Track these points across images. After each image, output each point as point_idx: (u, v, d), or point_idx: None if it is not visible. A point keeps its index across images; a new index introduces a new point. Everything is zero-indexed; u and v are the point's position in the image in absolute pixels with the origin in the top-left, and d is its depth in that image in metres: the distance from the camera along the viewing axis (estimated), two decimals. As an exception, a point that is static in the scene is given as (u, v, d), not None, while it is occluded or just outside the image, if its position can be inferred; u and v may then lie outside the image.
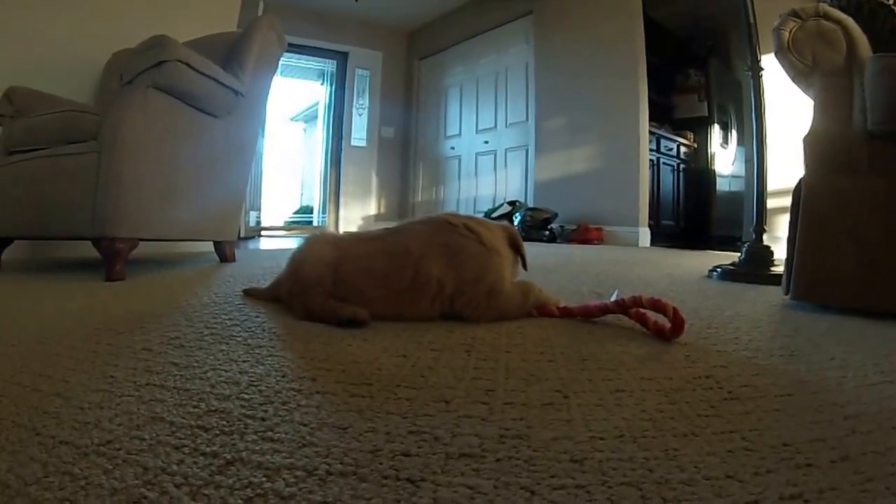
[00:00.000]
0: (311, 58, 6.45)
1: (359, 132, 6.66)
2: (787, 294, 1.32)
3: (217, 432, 0.48)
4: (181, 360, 0.73)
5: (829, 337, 0.97)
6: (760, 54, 2.08)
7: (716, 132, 5.91)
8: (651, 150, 4.82)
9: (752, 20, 2.09)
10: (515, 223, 4.72)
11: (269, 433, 0.48)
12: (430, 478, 0.40)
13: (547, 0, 5.26)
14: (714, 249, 4.22)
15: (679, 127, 5.84)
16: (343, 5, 5.88)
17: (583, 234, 4.61)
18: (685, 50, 5.89)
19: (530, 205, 5.08)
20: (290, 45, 5.55)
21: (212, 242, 2.35)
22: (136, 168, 1.72)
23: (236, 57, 2.25)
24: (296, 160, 8.26)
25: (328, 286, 1.06)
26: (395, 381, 0.65)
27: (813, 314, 1.22)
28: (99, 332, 0.90)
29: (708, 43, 5.79)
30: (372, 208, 6.75)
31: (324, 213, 6.63)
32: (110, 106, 1.77)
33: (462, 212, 5.36)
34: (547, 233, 4.70)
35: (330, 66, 6.61)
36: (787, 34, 1.44)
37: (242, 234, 4.43)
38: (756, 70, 2.08)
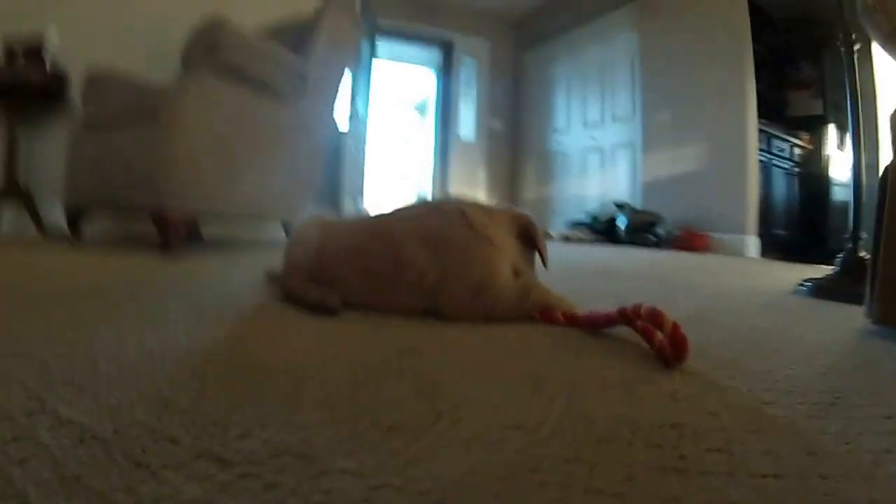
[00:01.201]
0: (415, 45, 6.33)
1: (466, 124, 6.47)
2: (868, 316, 0.97)
3: None
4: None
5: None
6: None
7: (832, 133, 5.03)
8: (761, 150, 4.21)
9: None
10: (622, 227, 4.36)
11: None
12: None
13: None
14: (829, 264, 3.52)
15: (792, 126, 4.99)
16: None
17: (687, 241, 4.14)
18: (795, 40, 5.06)
19: (637, 207, 4.66)
20: (392, 30, 5.84)
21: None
22: (191, 146, 1.78)
23: (304, 41, 2.23)
24: (411, 149, 8.17)
25: (311, 269, 1.00)
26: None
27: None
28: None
29: (820, 32, 4.91)
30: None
31: (434, 206, 6.50)
32: (170, 87, 1.84)
33: (570, 211, 5.12)
34: (652, 237, 4.28)
35: (436, 54, 6.46)
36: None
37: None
38: (848, 44, 1.64)
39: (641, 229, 4.29)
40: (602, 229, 4.59)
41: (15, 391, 0.46)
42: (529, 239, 0.98)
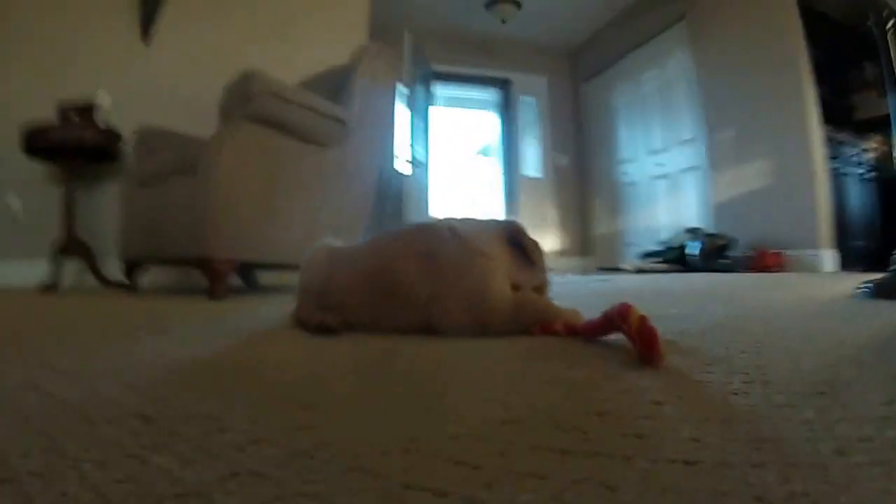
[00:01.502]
0: (472, 87, 6.45)
1: (531, 162, 6.41)
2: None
3: None
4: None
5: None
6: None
7: (903, 132, 4.62)
8: (831, 157, 3.95)
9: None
10: (694, 253, 4.15)
11: None
12: None
13: (698, 0, 4.79)
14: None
15: (862, 129, 4.63)
16: (497, 29, 5.76)
17: (761, 261, 3.88)
18: (855, 40, 4.75)
19: (709, 231, 4.44)
20: (448, 74, 6.08)
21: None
22: (230, 195, 1.86)
23: (343, 88, 2.30)
24: (480, 192, 8.13)
25: (320, 294, 1.02)
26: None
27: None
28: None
29: (875, 25, 4.57)
30: (551, 242, 6.29)
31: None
32: (210, 138, 1.94)
33: (643, 242, 4.95)
34: (725, 261, 4.04)
35: (494, 94, 6.53)
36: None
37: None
38: (881, 21, 1.48)
39: (714, 254, 4.08)
40: (675, 257, 4.40)
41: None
42: (520, 246, 0.92)
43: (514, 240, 0.92)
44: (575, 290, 2.05)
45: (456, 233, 0.90)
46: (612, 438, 0.35)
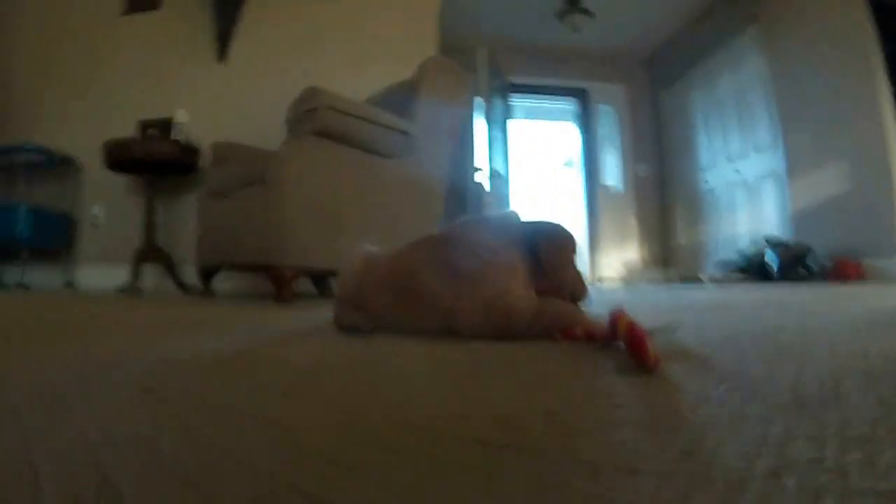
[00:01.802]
0: (550, 98, 6.45)
1: (611, 172, 6.32)
2: None
3: None
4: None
5: None
6: None
7: None
8: None
9: None
10: (771, 263, 3.97)
11: None
12: None
13: (769, 1, 4.62)
14: None
15: None
16: (571, 39, 5.77)
17: (839, 271, 3.65)
18: None
19: (787, 240, 4.21)
20: (523, 85, 6.13)
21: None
22: (296, 205, 1.98)
23: (408, 101, 2.37)
24: (562, 204, 8.03)
25: (354, 297, 1.07)
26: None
27: None
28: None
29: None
30: (632, 254, 6.21)
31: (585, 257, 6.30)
32: (278, 151, 2.08)
33: (723, 252, 4.79)
34: (804, 271, 3.81)
35: (572, 104, 6.51)
36: None
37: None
38: None
39: (791, 264, 3.88)
40: (752, 268, 4.21)
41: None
42: (538, 250, 0.92)
43: (532, 245, 0.92)
44: (635, 300, 2.01)
45: (477, 239, 0.93)
46: (548, 437, 0.35)
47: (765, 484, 0.28)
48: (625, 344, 0.58)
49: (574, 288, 0.95)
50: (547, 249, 0.91)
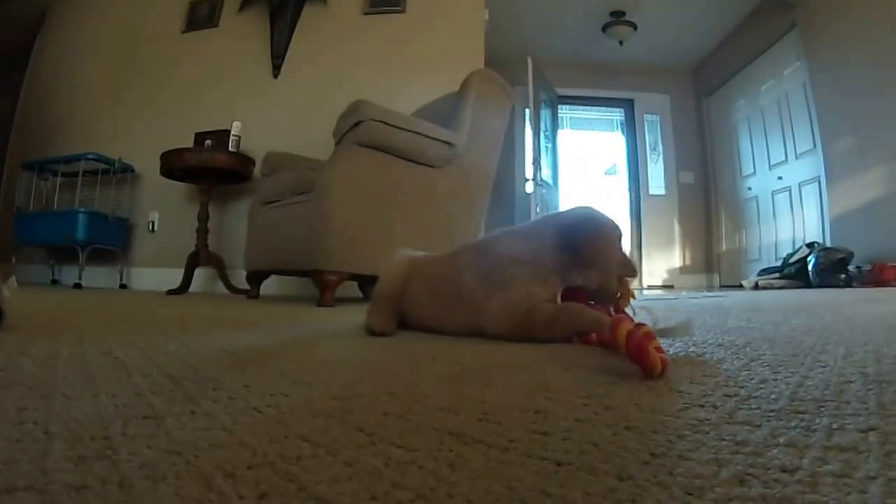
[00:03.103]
0: (597, 108, 6.53)
1: (656, 180, 6.32)
2: None
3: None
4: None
5: None
6: None
7: None
8: None
9: None
10: (812, 268, 3.92)
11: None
12: None
13: (809, 7, 4.55)
14: None
15: None
16: (617, 52, 5.84)
17: (879, 275, 3.53)
18: None
19: (827, 245, 4.12)
20: (571, 96, 6.20)
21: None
22: (343, 212, 2.03)
23: (453, 113, 2.39)
24: (608, 211, 7.91)
25: (394, 298, 1.12)
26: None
27: None
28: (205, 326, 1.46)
29: None
30: (676, 260, 6.17)
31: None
32: (325, 162, 2.14)
33: (766, 258, 4.79)
34: (844, 276, 3.68)
35: (618, 114, 6.57)
36: None
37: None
38: None
39: (830, 269, 3.80)
40: (793, 273, 4.14)
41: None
42: (576, 247, 0.92)
43: (567, 242, 0.92)
44: (674, 306, 1.99)
45: (509, 248, 0.97)
46: (523, 435, 0.36)
47: (726, 490, 0.27)
48: (623, 351, 0.58)
49: (623, 272, 0.94)
50: (584, 241, 0.92)
